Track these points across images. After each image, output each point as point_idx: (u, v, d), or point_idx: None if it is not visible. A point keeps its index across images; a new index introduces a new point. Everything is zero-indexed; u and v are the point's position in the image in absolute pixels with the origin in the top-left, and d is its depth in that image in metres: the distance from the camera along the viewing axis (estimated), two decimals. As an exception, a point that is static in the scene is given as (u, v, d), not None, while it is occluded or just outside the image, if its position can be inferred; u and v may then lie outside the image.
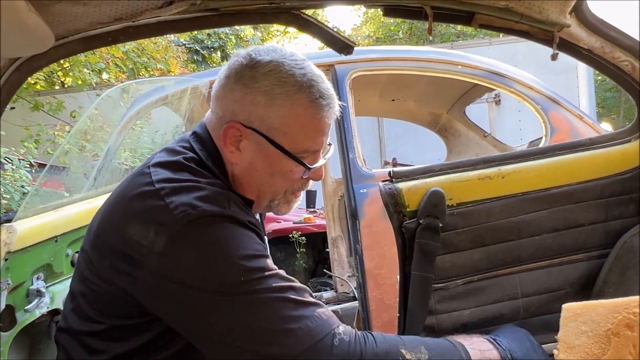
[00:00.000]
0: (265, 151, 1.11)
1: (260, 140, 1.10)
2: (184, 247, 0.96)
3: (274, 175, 1.14)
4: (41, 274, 1.92)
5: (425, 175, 1.57)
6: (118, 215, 1.06)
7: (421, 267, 1.53)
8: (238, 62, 1.12)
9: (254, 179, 1.15)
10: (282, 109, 1.08)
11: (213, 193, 1.02)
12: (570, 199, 1.58)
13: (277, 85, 1.07)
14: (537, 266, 1.63)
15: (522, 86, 3.05)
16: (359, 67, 2.97)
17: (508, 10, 1.30)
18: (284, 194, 1.19)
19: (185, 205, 0.98)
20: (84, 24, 1.28)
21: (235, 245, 0.98)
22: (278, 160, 1.12)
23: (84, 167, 3.38)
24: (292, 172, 1.14)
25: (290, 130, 1.09)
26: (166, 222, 0.97)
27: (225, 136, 1.11)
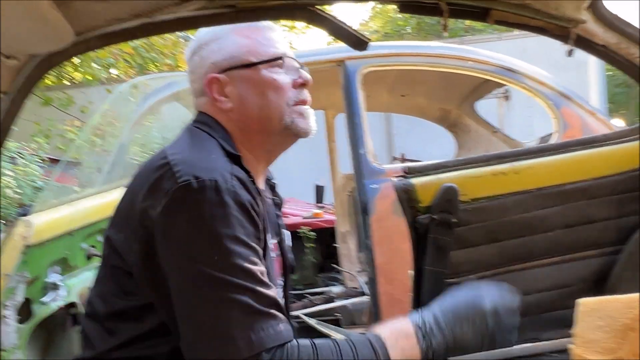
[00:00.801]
0: (244, 78, 1.20)
1: (235, 74, 1.20)
2: (178, 213, 1.00)
3: (263, 92, 1.20)
4: (57, 268, 1.94)
5: (439, 170, 1.57)
6: (134, 189, 1.11)
7: (435, 262, 1.54)
8: (186, 50, 1.32)
9: (252, 110, 1.20)
10: (231, 38, 1.23)
11: (219, 166, 1.05)
12: (584, 195, 1.58)
13: (215, 31, 1.26)
14: (550, 262, 1.64)
15: (533, 82, 3.03)
16: (369, 62, 2.97)
17: (524, 7, 1.29)
18: (287, 106, 1.21)
19: (189, 174, 1.00)
20: (103, 21, 1.29)
21: (224, 222, 0.99)
22: (257, 76, 1.20)
23: (97, 161, 3.41)
24: (277, 80, 1.20)
25: (248, 48, 1.22)
26: (169, 188, 1.00)
27: (210, 92, 1.20)
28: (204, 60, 1.23)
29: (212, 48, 1.23)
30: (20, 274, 1.74)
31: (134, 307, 1.08)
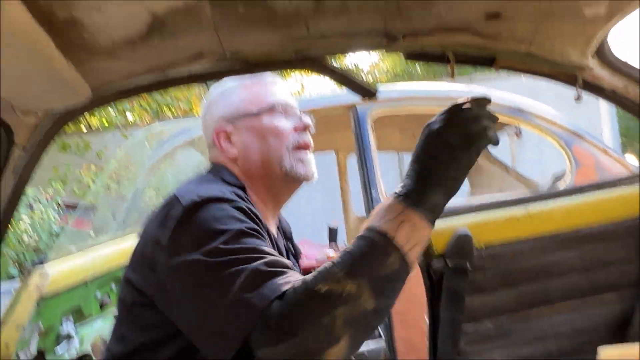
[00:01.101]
0: (247, 126, 1.30)
1: (240, 125, 1.30)
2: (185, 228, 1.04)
3: (264, 138, 1.29)
4: (71, 317, 1.94)
5: (452, 216, 1.57)
6: (147, 229, 1.15)
7: (450, 309, 1.51)
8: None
9: (255, 155, 1.29)
10: (235, 93, 1.35)
11: (222, 186, 1.15)
12: (600, 239, 1.56)
13: (223, 87, 1.38)
14: (569, 307, 1.60)
15: (543, 121, 3.03)
16: (380, 106, 3.01)
17: (530, 55, 1.32)
18: (287, 151, 1.28)
19: (193, 194, 1.08)
20: (118, 77, 1.34)
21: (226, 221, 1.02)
22: (259, 124, 1.30)
23: (111, 207, 3.45)
24: (277, 126, 1.29)
25: (249, 100, 1.32)
26: (176, 214, 1.06)
27: (218, 142, 1.31)
28: (214, 115, 1.35)
29: (219, 104, 1.35)
30: (34, 325, 1.74)
31: (152, 341, 1.09)
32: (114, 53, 1.23)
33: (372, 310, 0.88)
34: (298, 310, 0.87)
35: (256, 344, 0.89)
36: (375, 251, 0.91)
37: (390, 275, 0.89)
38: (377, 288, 0.88)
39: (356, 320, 0.87)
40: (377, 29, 1.28)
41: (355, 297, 0.87)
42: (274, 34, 1.28)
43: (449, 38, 1.30)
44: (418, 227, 0.93)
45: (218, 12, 1.16)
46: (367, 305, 0.87)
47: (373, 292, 0.87)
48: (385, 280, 0.89)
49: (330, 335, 0.86)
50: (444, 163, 0.96)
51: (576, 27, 1.23)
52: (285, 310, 0.88)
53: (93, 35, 1.13)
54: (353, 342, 0.89)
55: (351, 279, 0.87)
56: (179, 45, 1.26)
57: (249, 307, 0.90)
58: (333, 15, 1.20)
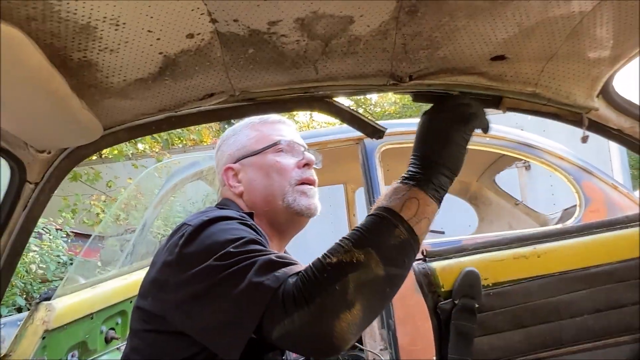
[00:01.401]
0: (253, 164, 1.38)
1: (246, 162, 1.39)
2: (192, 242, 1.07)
3: (268, 174, 1.35)
4: (76, 352, 1.93)
5: (459, 254, 1.56)
6: (157, 257, 1.19)
7: (458, 349, 1.49)
8: None
9: (259, 190, 1.35)
10: (244, 133, 1.44)
11: (230, 212, 1.20)
12: (611, 278, 1.54)
13: (234, 128, 1.48)
14: (581, 349, 1.56)
15: (552, 156, 3.04)
16: (387, 140, 3.03)
17: (535, 95, 1.33)
18: (290, 186, 1.34)
19: (201, 218, 1.13)
20: (130, 116, 1.36)
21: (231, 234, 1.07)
22: (263, 161, 1.37)
23: (119, 239, 3.46)
24: (280, 162, 1.36)
25: (256, 139, 1.41)
26: (184, 232, 1.10)
27: (227, 180, 1.39)
28: (223, 153, 1.45)
29: (229, 142, 1.45)
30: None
31: None
32: (127, 93, 1.26)
33: (382, 276, 0.92)
34: (311, 281, 0.91)
35: (270, 322, 0.91)
36: (381, 223, 0.96)
37: (398, 245, 0.95)
38: (386, 256, 0.93)
39: (367, 286, 0.91)
40: (384, 70, 1.30)
41: (365, 264, 0.91)
42: (282, 75, 1.30)
43: (454, 79, 1.32)
44: (423, 203, 1.01)
45: (228, 53, 1.19)
46: (377, 272, 0.91)
47: (381, 260, 0.92)
48: (393, 249, 0.94)
49: (344, 300, 0.88)
50: (440, 144, 1.10)
51: (581, 69, 1.25)
52: (298, 283, 0.91)
53: (106, 76, 1.16)
54: (367, 308, 0.91)
55: (359, 248, 0.92)
56: (190, 84, 1.29)
57: (262, 288, 0.93)
58: (341, 57, 1.23)
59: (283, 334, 0.91)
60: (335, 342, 0.88)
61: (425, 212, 1.01)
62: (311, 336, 0.90)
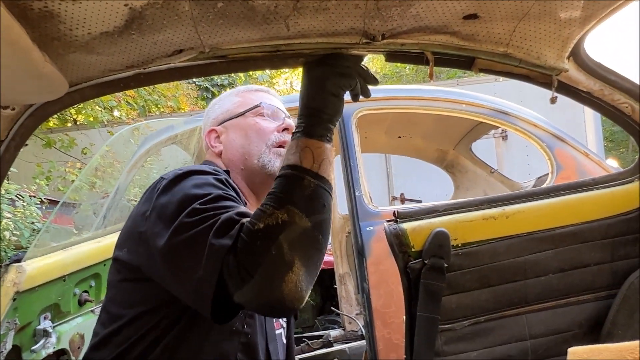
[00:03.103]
0: (234, 125, 1.43)
1: (228, 124, 1.44)
2: (165, 194, 1.11)
3: (247, 134, 1.40)
4: (48, 314, 1.93)
5: (430, 215, 1.58)
6: (133, 210, 1.22)
7: (427, 308, 1.52)
8: None
9: (236, 149, 1.39)
10: (229, 98, 1.50)
11: (206, 167, 1.22)
12: (576, 239, 1.58)
13: (220, 97, 1.54)
14: (544, 307, 1.62)
15: (526, 124, 3.07)
16: (364, 106, 3.02)
17: (507, 56, 1.33)
18: (267, 147, 1.38)
19: (178, 170, 1.17)
20: (97, 72, 1.33)
21: (201, 188, 1.10)
22: (244, 122, 1.42)
23: (93, 205, 3.42)
24: (259, 124, 1.41)
25: (239, 103, 1.46)
26: (159, 185, 1.15)
27: (209, 141, 1.44)
28: (208, 118, 1.50)
29: (214, 108, 1.50)
30: (10, 321, 1.72)
31: (141, 314, 1.13)
32: (92, 47, 1.22)
33: (309, 227, 0.99)
34: (247, 253, 0.95)
35: (231, 285, 0.95)
36: (290, 180, 1.04)
37: (312, 193, 1.03)
38: (306, 207, 1.00)
39: (299, 240, 0.97)
40: (357, 28, 1.29)
41: (290, 221, 0.97)
42: (253, 32, 1.27)
43: (427, 38, 1.31)
44: (316, 147, 1.09)
45: (196, 7, 1.16)
46: (303, 224, 0.98)
47: (303, 212, 0.99)
48: (309, 199, 1.02)
49: (282, 262, 0.94)
50: (316, 91, 1.20)
51: (552, 30, 1.25)
52: (239, 256, 0.95)
53: (69, 28, 1.12)
54: (306, 261, 0.98)
55: (280, 209, 0.98)
56: (158, 40, 1.26)
57: (217, 249, 0.97)
58: (312, 13, 1.21)
59: (242, 302, 0.96)
60: (289, 303, 0.94)
61: (321, 154, 1.08)
62: (266, 304, 0.96)
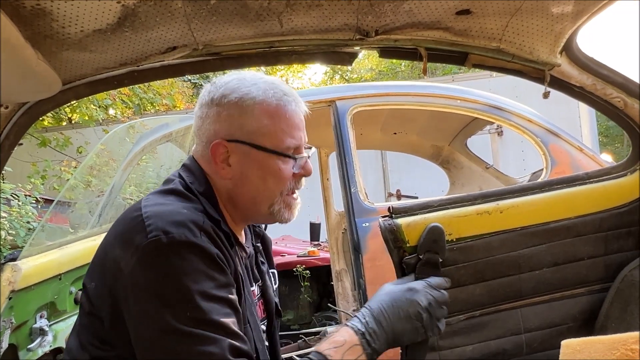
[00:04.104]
0: (252, 157, 1.18)
1: (245, 149, 1.18)
2: (148, 269, 1.01)
3: (265, 178, 1.20)
4: (44, 312, 1.93)
5: (425, 210, 1.58)
6: (109, 240, 1.12)
7: None
8: (206, 91, 1.23)
9: (248, 188, 1.21)
10: (255, 113, 1.17)
11: (188, 219, 1.06)
12: (569, 233, 1.58)
13: (245, 93, 1.18)
14: (539, 301, 1.62)
15: (521, 119, 3.08)
16: (359, 102, 3.03)
17: (500, 51, 1.34)
18: (280, 195, 1.23)
19: (159, 229, 1.02)
20: (90, 70, 1.33)
21: (193, 278, 1.00)
22: (265, 161, 1.19)
23: (88, 203, 3.41)
24: (282, 170, 1.20)
25: (267, 130, 1.18)
26: (140, 244, 1.02)
27: (214, 156, 1.19)
28: (221, 119, 1.19)
29: (233, 112, 1.18)
30: (6, 320, 1.72)
31: (111, 357, 1.08)
32: (85, 45, 1.22)
33: None
34: None
35: None
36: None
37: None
38: None
39: None
40: (350, 24, 1.29)
41: None
42: (246, 28, 1.28)
43: (420, 34, 1.32)
44: None
45: (189, 4, 1.16)
46: None
47: None
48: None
49: None
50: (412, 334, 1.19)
51: (544, 25, 1.26)
52: None
53: (62, 26, 1.12)
54: None
55: None
56: (152, 37, 1.26)
57: None
58: (305, 10, 1.21)
59: None
60: None
61: None
62: None
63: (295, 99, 1.22)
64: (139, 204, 1.12)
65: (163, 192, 1.16)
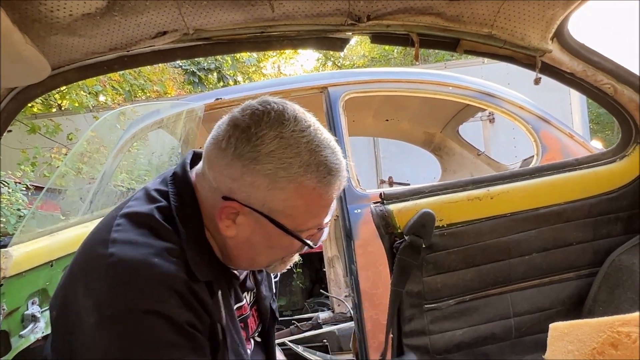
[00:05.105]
0: (265, 228, 1.01)
1: (260, 220, 1.00)
2: (106, 336, 0.90)
3: (272, 248, 1.07)
4: (36, 299, 1.92)
5: (416, 196, 1.59)
6: (73, 270, 1.01)
7: (398, 282, 1.55)
8: (237, 134, 0.99)
9: (249, 252, 1.07)
10: (286, 192, 0.98)
11: (157, 276, 0.93)
12: (559, 219, 1.60)
13: (281, 167, 0.96)
14: (528, 285, 1.65)
15: (512, 106, 3.09)
16: (352, 88, 3.02)
17: (491, 37, 1.34)
18: (281, 260, 1.12)
19: (122, 289, 0.91)
20: (80, 54, 1.32)
21: (155, 352, 0.91)
22: (278, 237, 1.03)
23: (80, 190, 3.39)
24: (293, 246, 1.07)
25: (294, 212, 1.00)
26: (101, 302, 0.91)
27: (221, 212, 1.01)
28: (244, 182, 0.98)
29: (260, 183, 0.98)
30: (-3, 306, 1.72)
31: None
32: (74, 29, 1.21)
33: None
34: None
35: None
36: None
37: None
38: None
39: None
40: (342, 9, 1.28)
41: None
42: (237, 13, 1.27)
43: (412, 19, 1.31)
44: None
45: (180, -12, 1.15)
46: None
47: None
48: None
49: None
50: None
51: (536, 10, 1.26)
52: None
53: (50, 10, 1.10)
54: None
55: None
56: (141, 21, 1.24)
57: None
58: (297, -6, 1.20)
59: None
60: None
61: None
62: None
63: (339, 175, 1.01)
64: (108, 231, 0.98)
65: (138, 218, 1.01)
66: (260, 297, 1.29)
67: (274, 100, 1.03)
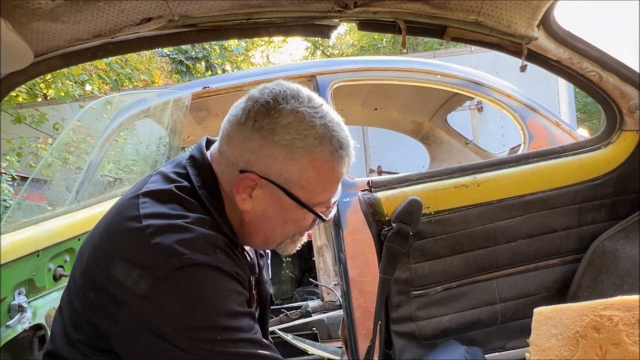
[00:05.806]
0: (280, 201, 1.08)
1: (276, 191, 1.06)
2: (166, 295, 0.94)
3: (286, 222, 1.12)
4: (23, 289, 1.91)
5: (403, 184, 1.60)
6: (104, 249, 1.03)
7: (387, 270, 1.56)
8: (256, 108, 1.05)
9: (264, 226, 1.13)
10: (302, 163, 1.04)
11: (200, 236, 0.99)
12: (544, 205, 1.62)
13: (298, 139, 1.03)
14: (514, 271, 1.67)
15: (500, 94, 3.10)
16: (340, 77, 3.01)
17: (478, 24, 1.34)
18: (291, 237, 1.19)
19: (169, 251, 0.94)
20: (63, 41, 1.30)
21: (217, 299, 0.96)
22: (292, 210, 1.09)
23: (66, 180, 3.36)
24: (305, 220, 1.13)
25: (308, 184, 1.07)
26: (150, 266, 0.94)
27: (238, 185, 1.07)
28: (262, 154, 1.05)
29: (278, 154, 1.04)
30: (-17, 297, 1.71)
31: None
32: (57, 16, 1.19)
33: None
34: None
35: None
36: None
37: None
38: None
39: None
40: (329, -5, 1.28)
41: None
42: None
43: (399, 6, 1.31)
44: None
45: (164, -27, 1.13)
46: None
47: None
48: None
49: None
50: None
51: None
52: None
53: (32, -5, 1.09)
54: None
55: None
56: (126, 7, 1.23)
57: None
58: (283, -20, 1.19)
59: None
60: None
61: None
62: None
63: (348, 151, 1.11)
64: (136, 208, 1.02)
65: (163, 195, 1.05)
66: (261, 281, 1.34)
67: (289, 83, 1.11)
